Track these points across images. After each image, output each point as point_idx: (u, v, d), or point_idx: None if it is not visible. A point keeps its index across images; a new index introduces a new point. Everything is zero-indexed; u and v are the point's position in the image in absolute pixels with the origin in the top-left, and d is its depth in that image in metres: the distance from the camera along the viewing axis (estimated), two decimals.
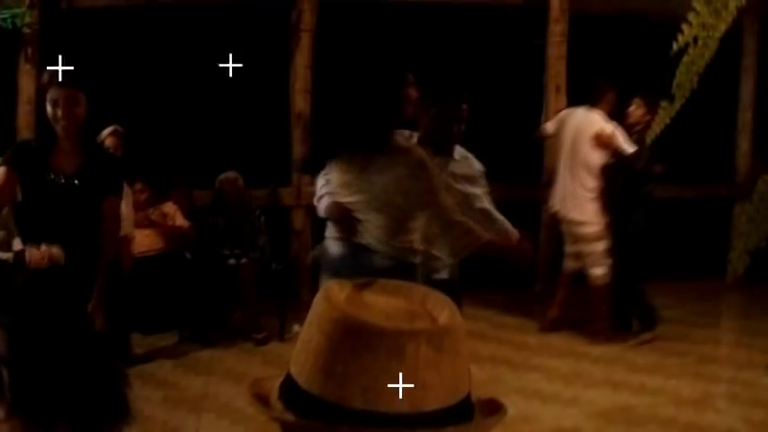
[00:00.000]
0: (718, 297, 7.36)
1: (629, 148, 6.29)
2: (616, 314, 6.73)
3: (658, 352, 6.27)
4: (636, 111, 6.53)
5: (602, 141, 6.30)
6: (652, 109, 6.45)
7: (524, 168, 8.05)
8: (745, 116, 8.71)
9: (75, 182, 3.65)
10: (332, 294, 1.12)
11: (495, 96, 7.91)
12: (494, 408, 1.18)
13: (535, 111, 8.10)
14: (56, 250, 3.38)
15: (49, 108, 3.61)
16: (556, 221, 7.09)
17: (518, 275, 7.37)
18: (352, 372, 1.03)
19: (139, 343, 6.16)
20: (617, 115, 6.56)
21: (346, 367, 1.03)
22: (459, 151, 4.18)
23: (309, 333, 1.09)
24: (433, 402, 1.03)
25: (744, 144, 8.71)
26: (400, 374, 1.01)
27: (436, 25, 7.93)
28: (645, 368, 5.88)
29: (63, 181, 3.64)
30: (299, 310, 6.31)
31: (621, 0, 8.26)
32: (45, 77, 3.65)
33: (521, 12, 8.28)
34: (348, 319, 1.05)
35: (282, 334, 6.57)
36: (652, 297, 7.00)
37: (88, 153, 3.70)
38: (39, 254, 3.36)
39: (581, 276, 6.91)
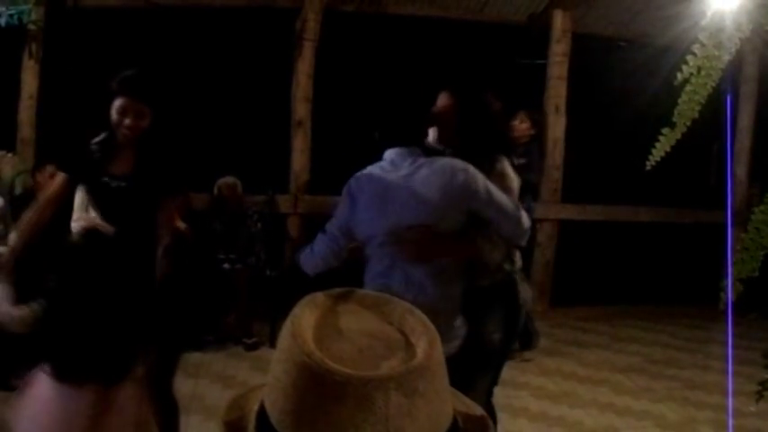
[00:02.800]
0: (707, 323, 7.39)
1: (517, 159, 6.26)
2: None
3: (646, 375, 6.30)
4: (520, 125, 6.56)
5: None
6: (536, 123, 6.51)
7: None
8: (743, 142, 8.74)
9: (125, 184, 3.70)
10: (299, 328, 1.06)
11: None
12: (481, 426, 1.16)
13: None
14: (106, 225, 3.47)
15: (114, 114, 3.62)
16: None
17: None
18: (321, 421, 0.98)
19: None
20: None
21: (315, 416, 0.98)
22: None
23: (278, 371, 1.04)
24: None
25: (741, 170, 8.75)
26: (369, 426, 0.96)
27: (438, 40, 7.97)
28: (631, 391, 5.91)
29: (115, 184, 3.69)
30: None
31: (623, 22, 8.32)
32: (114, 84, 3.65)
33: (523, 31, 8.34)
34: (313, 366, 0.99)
35: (273, 340, 6.58)
36: (643, 320, 7.06)
37: (143, 158, 3.72)
38: (88, 218, 3.48)
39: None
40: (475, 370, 3.42)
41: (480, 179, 3.26)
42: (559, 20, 8.09)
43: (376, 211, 3.22)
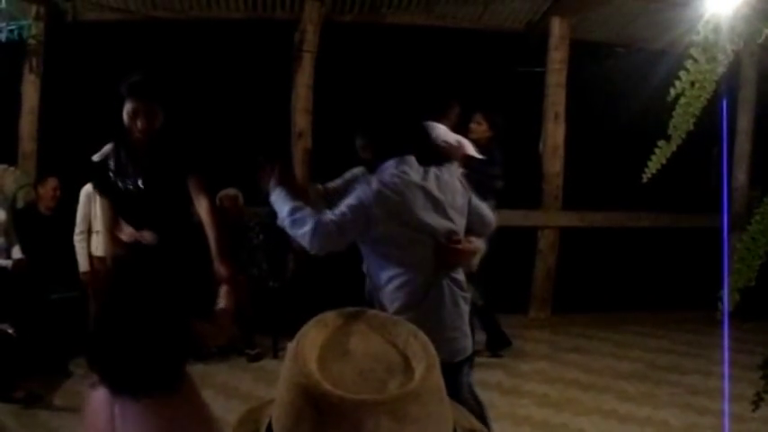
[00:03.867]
0: (710, 329, 7.37)
1: (477, 155, 6.24)
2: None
3: (648, 382, 6.29)
4: (477, 126, 6.57)
5: (449, 149, 6.12)
6: (493, 124, 6.50)
7: (521, 194, 8.09)
8: (743, 147, 8.73)
9: (141, 185, 3.75)
10: (303, 347, 1.08)
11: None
12: None
13: (533, 138, 8.18)
14: (147, 234, 3.55)
15: (126, 118, 3.66)
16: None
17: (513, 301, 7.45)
18: None
19: None
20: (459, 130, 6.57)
21: None
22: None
23: (282, 389, 1.07)
24: None
25: (741, 175, 8.74)
26: None
27: (437, 49, 7.99)
28: (634, 397, 5.90)
29: (131, 186, 3.75)
30: (293, 328, 6.35)
31: (621, 28, 8.33)
32: (122, 89, 3.69)
33: (521, 38, 8.36)
34: (310, 387, 1.01)
35: (276, 351, 6.59)
36: (645, 326, 7.02)
37: (155, 157, 3.77)
38: (129, 232, 3.57)
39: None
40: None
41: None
42: (557, 27, 8.11)
43: (420, 219, 3.21)
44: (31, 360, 5.62)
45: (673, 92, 2.07)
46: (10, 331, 5.47)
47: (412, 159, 3.31)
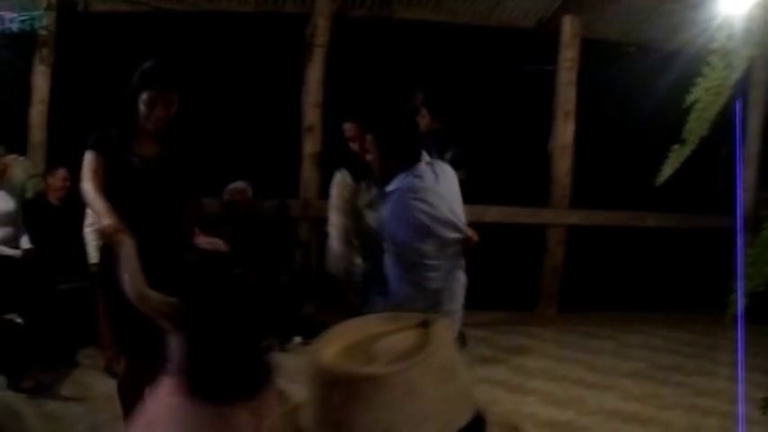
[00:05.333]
0: (715, 330, 7.37)
1: None
2: None
3: (653, 382, 6.29)
4: (422, 119, 6.54)
5: None
6: (437, 117, 6.49)
7: (531, 192, 8.10)
8: (752, 147, 8.70)
9: (151, 165, 3.75)
10: (343, 327, 1.19)
11: (503, 120, 7.97)
12: None
13: (543, 136, 8.18)
14: (219, 242, 3.69)
15: (142, 107, 3.66)
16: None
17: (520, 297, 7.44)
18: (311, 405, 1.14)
19: None
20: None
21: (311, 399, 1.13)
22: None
23: None
24: None
25: (749, 175, 8.71)
26: (323, 410, 1.10)
27: (447, 45, 7.99)
28: (638, 397, 5.90)
29: (141, 164, 3.73)
30: (301, 322, 6.44)
31: (632, 28, 8.32)
32: (136, 78, 3.70)
33: (532, 36, 8.35)
34: (313, 358, 1.12)
35: (283, 345, 6.59)
36: (651, 326, 7.00)
37: (169, 143, 3.78)
38: (205, 240, 3.65)
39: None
40: None
41: None
42: (569, 25, 8.10)
43: (448, 219, 3.67)
44: (38, 350, 5.64)
45: (689, 98, 2.08)
46: (18, 321, 5.50)
47: (422, 167, 3.70)
